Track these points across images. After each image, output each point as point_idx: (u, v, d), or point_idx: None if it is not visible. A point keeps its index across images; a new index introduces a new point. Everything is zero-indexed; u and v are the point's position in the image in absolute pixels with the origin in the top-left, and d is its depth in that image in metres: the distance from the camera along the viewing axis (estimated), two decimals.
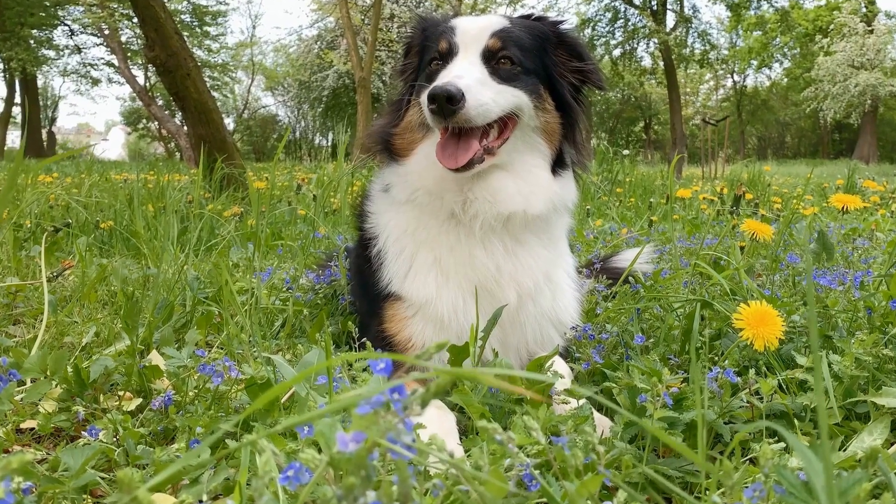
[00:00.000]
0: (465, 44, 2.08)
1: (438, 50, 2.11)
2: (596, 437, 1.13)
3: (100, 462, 1.56)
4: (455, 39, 2.09)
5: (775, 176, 16.11)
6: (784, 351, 2.03)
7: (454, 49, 2.08)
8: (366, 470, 0.63)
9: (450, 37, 2.10)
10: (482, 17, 2.21)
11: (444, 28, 2.15)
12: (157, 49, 7.10)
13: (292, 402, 1.69)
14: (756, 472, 1.37)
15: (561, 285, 2.25)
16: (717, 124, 26.00)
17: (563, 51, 2.20)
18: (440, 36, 2.13)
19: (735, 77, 59.22)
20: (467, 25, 2.12)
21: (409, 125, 2.17)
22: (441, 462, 0.78)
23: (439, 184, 2.06)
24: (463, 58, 2.06)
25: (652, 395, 1.55)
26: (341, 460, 0.67)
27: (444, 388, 0.66)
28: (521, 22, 2.19)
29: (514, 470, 1.07)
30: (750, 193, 7.09)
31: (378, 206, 2.31)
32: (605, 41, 45.09)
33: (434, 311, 2.05)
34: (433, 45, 2.15)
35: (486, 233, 2.07)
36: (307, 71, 43.17)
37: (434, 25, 2.25)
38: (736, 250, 2.91)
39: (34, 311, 2.88)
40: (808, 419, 1.75)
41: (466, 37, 2.09)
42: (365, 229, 2.34)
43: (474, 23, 2.14)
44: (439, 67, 2.10)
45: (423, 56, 2.23)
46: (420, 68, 2.24)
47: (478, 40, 2.07)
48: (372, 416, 0.67)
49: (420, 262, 2.11)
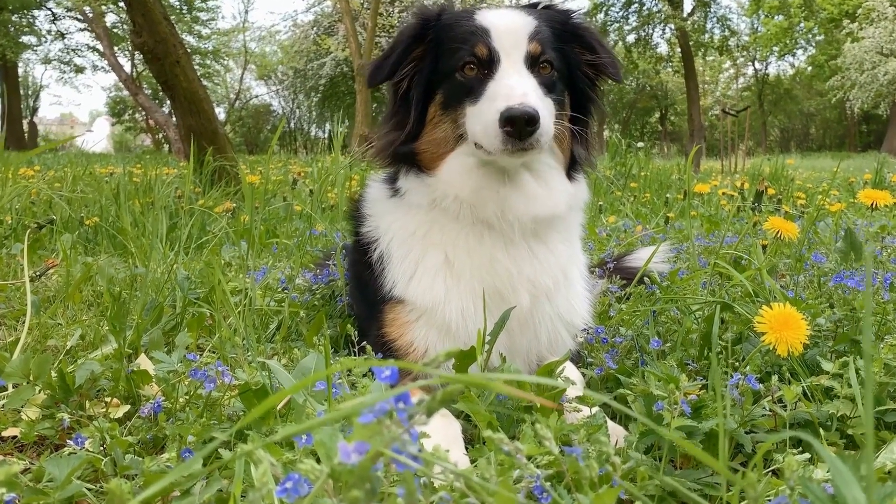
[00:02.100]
0: (505, 49, 2.00)
1: (476, 55, 2.00)
2: (611, 446, 1.13)
3: (86, 472, 1.56)
4: (493, 43, 1.99)
5: (799, 170, 16.10)
6: (809, 356, 2.03)
7: (495, 55, 1.99)
8: (370, 482, 0.63)
9: (487, 40, 2.00)
10: (507, 12, 2.11)
11: (475, 28, 2.03)
12: (145, 35, 7.12)
13: (288, 410, 1.69)
14: (780, 485, 1.38)
15: (575, 285, 2.27)
16: (738, 115, 25.99)
17: (578, 43, 2.17)
18: (473, 38, 2.02)
19: (756, 65, 59.19)
20: (503, 26, 2.03)
21: (437, 142, 2.10)
22: (447, 473, 0.78)
23: (476, 193, 2.04)
24: (509, 66, 1.98)
25: (669, 402, 1.55)
26: (343, 472, 0.67)
27: (451, 397, 0.66)
28: (537, 12, 2.13)
29: (524, 482, 1.07)
30: (772, 188, 7.08)
31: (378, 208, 2.29)
32: (618, 27, 45.05)
33: (441, 315, 2.05)
34: (461, 47, 2.03)
35: (515, 235, 2.08)
36: (303, 58, 43.19)
37: (455, 20, 2.11)
38: (758, 249, 2.91)
39: (16, 313, 2.88)
40: (834, 429, 1.75)
41: (505, 40, 2.00)
42: (362, 233, 2.34)
43: (509, 22, 2.05)
44: (482, 77, 2.00)
45: (440, 55, 2.09)
46: (436, 69, 2.10)
47: (518, 44, 2.00)
48: (375, 425, 0.68)
49: (428, 265, 2.11)
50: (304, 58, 43.03)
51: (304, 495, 0.80)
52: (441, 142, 2.09)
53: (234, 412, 1.78)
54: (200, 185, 6.77)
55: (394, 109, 2.21)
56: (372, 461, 0.66)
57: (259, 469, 0.73)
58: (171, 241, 4.27)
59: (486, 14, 2.08)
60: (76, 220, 5.14)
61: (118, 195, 5.51)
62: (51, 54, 46.81)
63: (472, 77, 2.01)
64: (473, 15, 2.09)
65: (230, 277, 3.53)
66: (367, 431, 0.68)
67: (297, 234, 5.05)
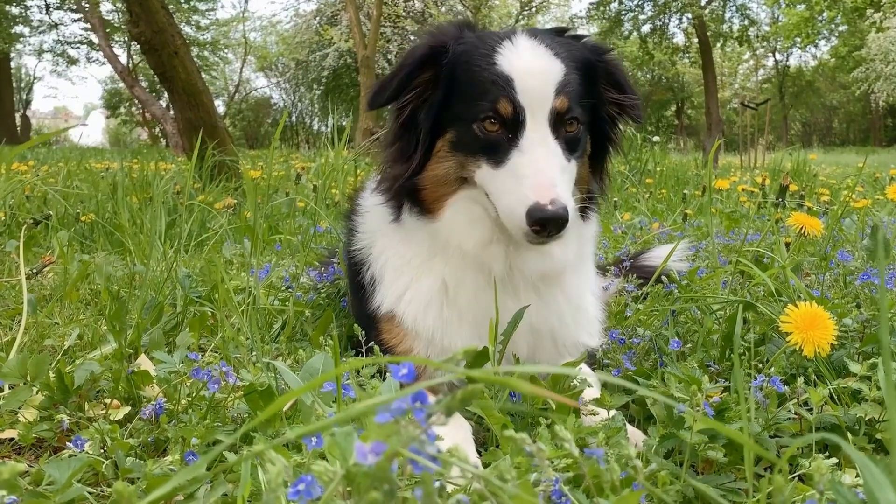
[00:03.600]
0: (530, 107, 1.89)
1: (499, 112, 1.89)
2: (632, 449, 1.13)
3: (86, 476, 1.57)
4: (518, 98, 1.88)
5: (822, 165, 16.05)
6: (835, 358, 2.03)
7: (520, 114, 1.89)
8: (389, 483, 0.64)
9: (511, 94, 1.89)
10: (533, 55, 1.95)
11: (497, 77, 1.91)
12: (142, 25, 7.14)
13: (295, 412, 1.70)
14: (806, 490, 1.38)
15: (586, 310, 2.24)
16: (758, 108, 25.88)
17: (606, 81, 2.10)
18: (496, 91, 1.90)
19: (777, 56, 58.96)
20: (529, 77, 1.91)
21: (438, 179, 2.02)
22: (465, 475, 0.79)
23: (483, 247, 2.01)
24: (535, 131, 1.89)
25: (691, 405, 1.55)
26: (359, 473, 0.67)
27: (473, 396, 0.66)
28: (566, 49, 2.01)
29: (542, 486, 1.07)
30: (794, 185, 7.06)
31: (374, 226, 2.25)
32: (633, 16, 44.87)
33: (437, 343, 2.05)
34: (482, 98, 1.92)
35: (522, 284, 2.06)
36: (305, 49, 43.18)
37: (474, 53, 1.98)
38: (781, 246, 2.90)
39: (11, 312, 2.90)
40: (862, 433, 1.75)
41: (531, 97, 1.89)
42: (354, 248, 2.32)
43: (536, 71, 1.92)
44: (504, 138, 1.90)
45: (454, 91, 1.99)
46: (448, 107, 1.99)
47: (543, 101, 1.90)
48: (392, 425, 0.68)
49: (423, 289, 2.09)
50: (307, 49, 43.04)
51: (316, 498, 0.80)
52: (444, 180, 2.02)
53: (238, 414, 1.79)
54: (200, 181, 6.79)
55: (395, 135, 2.11)
56: (389, 461, 0.66)
57: (273, 470, 0.73)
58: (171, 238, 4.29)
59: (511, 57, 1.94)
60: (72, 216, 5.16)
61: (115, 191, 5.53)
62: (44, 45, 47.02)
63: (492, 134, 1.92)
64: (495, 53, 1.95)
65: (232, 275, 3.54)
66: (383, 431, 0.68)
67: (300, 231, 5.06)
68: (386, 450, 0.67)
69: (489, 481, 0.75)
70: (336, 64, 41.89)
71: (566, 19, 43.66)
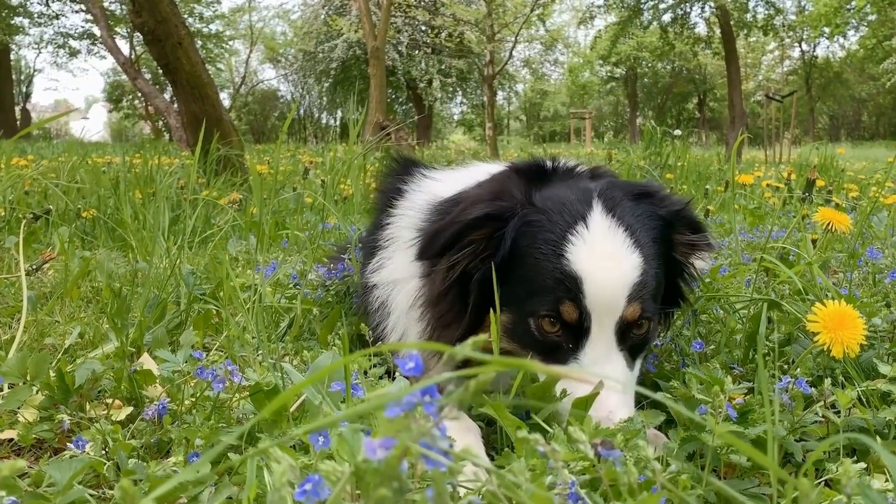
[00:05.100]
0: (598, 314, 1.75)
1: (561, 315, 1.76)
2: (651, 451, 1.13)
3: (87, 477, 1.58)
4: (585, 304, 1.74)
5: (850, 160, 15.95)
6: (864, 359, 2.01)
7: (585, 321, 1.75)
8: (399, 481, 0.64)
9: (578, 298, 1.74)
10: (611, 250, 1.79)
11: (565, 274, 1.75)
12: (145, 14, 7.15)
13: (302, 413, 1.70)
14: (833, 496, 1.37)
15: None
16: (783, 100, 25.76)
17: (682, 226, 1.99)
18: (560, 290, 1.76)
19: (804, 46, 58.60)
20: (600, 283, 1.75)
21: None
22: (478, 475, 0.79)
23: None
24: (599, 343, 1.77)
25: (713, 407, 1.54)
26: (368, 470, 0.67)
27: (485, 385, 0.66)
28: (644, 224, 1.87)
29: (557, 489, 1.07)
30: (821, 180, 7.02)
31: (398, 262, 2.20)
32: (653, 5, 44.69)
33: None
34: (544, 293, 1.77)
35: None
36: (313, 40, 43.27)
37: (538, 238, 1.81)
38: (807, 243, 2.88)
39: (11, 309, 2.92)
40: (891, 437, 1.74)
41: (600, 304, 1.75)
42: (368, 270, 2.30)
43: (608, 278, 1.76)
44: (563, 344, 1.79)
45: (513, 266, 1.83)
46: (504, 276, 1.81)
47: (613, 310, 1.76)
48: (402, 419, 0.68)
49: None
50: (314, 39, 43.12)
51: (324, 498, 0.80)
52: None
53: (243, 415, 1.79)
54: (204, 175, 6.81)
55: (441, 294, 1.93)
56: (400, 457, 0.66)
57: (279, 469, 0.74)
58: (174, 234, 4.30)
59: (582, 250, 1.77)
60: (73, 211, 5.19)
61: (117, 185, 5.56)
62: (45, 37, 47.25)
63: (549, 336, 1.79)
64: (565, 241, 1.78)
65: (238, 273, 3.55)
66: (393, 426, 0.68)
67: (308, 228, 5.07)
68: (395, 445, 0.67)
69: (503, 479, 0.75)
70: (345, 55, 41.94)
71: (583, 7, 43.48)
